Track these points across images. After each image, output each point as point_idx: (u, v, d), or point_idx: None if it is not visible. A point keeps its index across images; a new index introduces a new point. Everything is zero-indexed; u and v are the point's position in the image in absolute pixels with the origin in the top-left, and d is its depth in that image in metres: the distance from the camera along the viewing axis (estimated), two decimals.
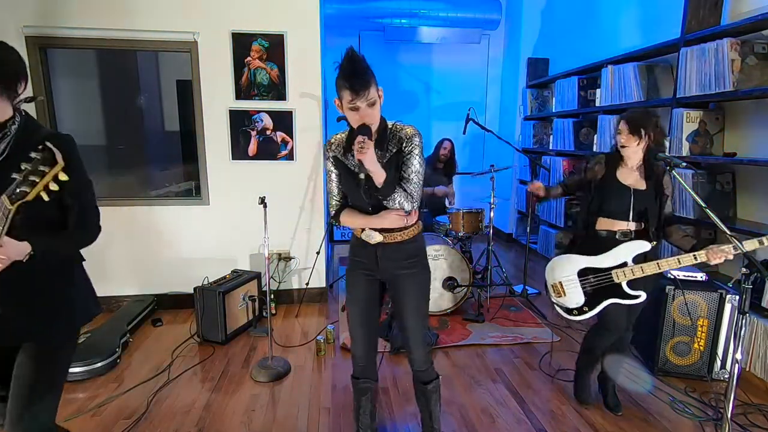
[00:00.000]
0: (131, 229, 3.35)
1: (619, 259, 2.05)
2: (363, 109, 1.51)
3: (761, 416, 2.24)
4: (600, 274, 2.09)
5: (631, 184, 2.08)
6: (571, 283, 2.17)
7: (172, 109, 5.19)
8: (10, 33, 3.06)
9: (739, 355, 1.57)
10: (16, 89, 1.28)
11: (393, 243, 1.72)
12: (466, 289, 3.40)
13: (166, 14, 3.18)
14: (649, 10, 3.71)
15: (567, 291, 2.19)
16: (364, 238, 1.74)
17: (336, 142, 1.74)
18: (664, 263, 1.95)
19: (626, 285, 2.05)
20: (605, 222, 2.12)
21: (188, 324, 3.26)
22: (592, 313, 2.14)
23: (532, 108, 5.40)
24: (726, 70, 2.65)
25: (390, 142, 1.64)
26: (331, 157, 1.74)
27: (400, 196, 1.62)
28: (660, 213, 2.08)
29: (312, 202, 3.59)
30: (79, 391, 2.42)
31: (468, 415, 2.26)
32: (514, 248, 5.67)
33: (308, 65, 3.39)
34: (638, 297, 2.04)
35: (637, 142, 2.02)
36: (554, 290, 2.24)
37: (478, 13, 5.41)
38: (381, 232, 1.70)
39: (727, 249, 1.77)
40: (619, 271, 2.04)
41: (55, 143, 1.20)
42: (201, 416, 2.24)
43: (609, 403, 2.31)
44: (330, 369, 2.70)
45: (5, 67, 1.25)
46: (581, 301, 2.15)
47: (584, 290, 2.15)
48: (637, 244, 2.04)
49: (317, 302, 3.73)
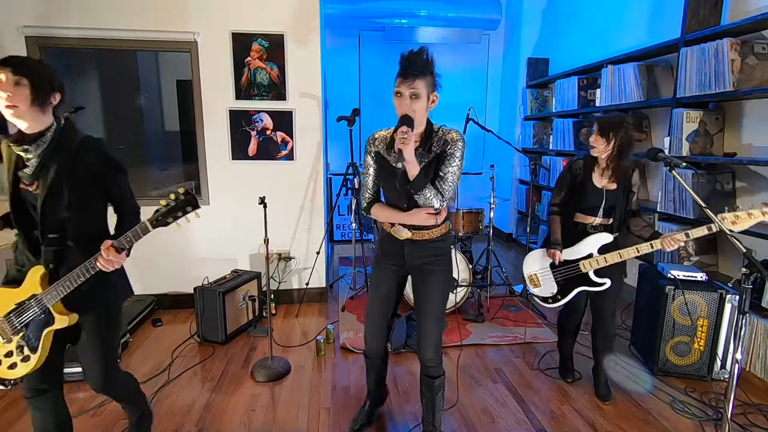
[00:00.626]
0: None
1: (585, 251, 2.27)
2: (405, 98, 1.60)
3: (761, 416, 2.24)
4: (569, 266, 2.32)
5: (603, 185, 2.27)
6: (545, 275, 2.43)
7: (172, 109, 5.19)
8: (10, 33, 3.06)
9: (739, 355, 1.57)
10: (50, 101, 1.45)
11: (420, 240, 1.79)
12: (466, 289, 3.40)
13: (166, 14, 3.18)
14: (648, 10, 3.71)
15: (542, 282, 2.45)
16: (393, 232, 1.82)
17: (380, 138, 1.80)
18: (624, 253, 2.15)
19: (593, 274, 2.26)
20: (580, 216, 2.34)
21: (188, 324, 3.26)
22: (565, 300, 2.38)
23: (532, 108, 5.40)
24: (726, 70, 2.65)
25: (435, 144, 1.72)
26: (373, 152, 1.81)
27: (431, 192, 1.67)
28: (625, 208, 2.27)
29: (312, 202, 3.59)
30: (79, 391, 2.42)
31: (468, 415, 2.26)
32: (514, 248, 5.67)
33: (308, 65, 3.38)
34: (604, 284, 2.25)
35: (605, 144, 2.18)
36: (531, 281, 2.50)
37: (478, 13, 5.41)
38: (410, 229, 1.77)
39: (679, 236, 2.00)
40: (585, 261, 2.26)
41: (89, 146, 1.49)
42: (201, 416, 2.24)
43: (599, 392, 2.43)
44: (330, 369, 2.70)
45: (41, 81, 1.41)
46: (554, 290, 2.40)
47: (556, 280, 2.39)
48: (600, 237, 2.25)
49: (317, 302, 3.73)
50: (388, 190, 1.82)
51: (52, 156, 1.45)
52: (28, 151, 1.44)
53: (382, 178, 1.81)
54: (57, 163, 1.45)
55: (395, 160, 1.73)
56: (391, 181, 1.75)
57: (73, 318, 1.51)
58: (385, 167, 1.78)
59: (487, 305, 3.56)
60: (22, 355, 1.50)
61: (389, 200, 1.85)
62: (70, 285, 1.45)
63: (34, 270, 1.48)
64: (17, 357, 1.50)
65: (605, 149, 2.19)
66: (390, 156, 1.75)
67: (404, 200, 1.75)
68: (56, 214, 1.46)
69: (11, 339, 1.50)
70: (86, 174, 1.50)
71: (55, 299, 1.47)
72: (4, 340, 1.51)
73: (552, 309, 2.48)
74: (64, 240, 1.49)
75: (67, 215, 1.47)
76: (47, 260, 1.48)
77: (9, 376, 1.51)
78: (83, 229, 1.52)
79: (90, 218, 1.56)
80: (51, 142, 1.46)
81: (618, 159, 2.20)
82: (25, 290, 1.49)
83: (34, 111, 1.41)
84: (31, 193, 1.47)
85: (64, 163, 1.46)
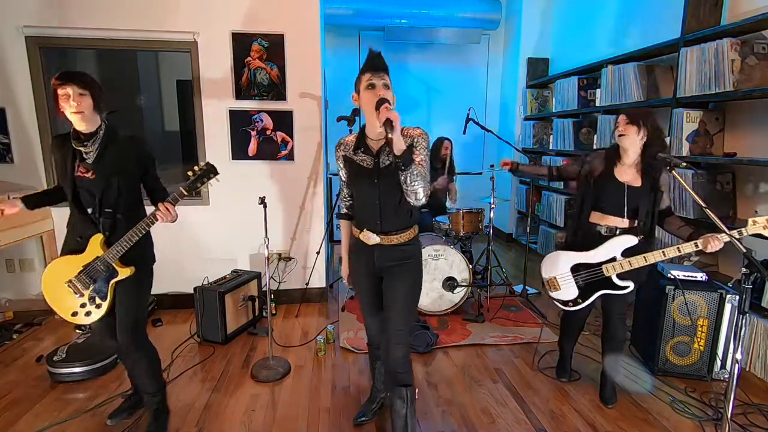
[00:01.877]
0: None
1: (609, 254, 2.18)
2: (378, 88, 1.65)
3: (761, 416, 2.24)
4: (591, 269, 2.22)
5: (626, 181, 2.16)
6: (565, 278, 2.31)
7: (172, 109, 5.19)
8: (10, 33, 3.06)
9: (739, 355, 1.57)
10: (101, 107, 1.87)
11: (389, 245, 1.79)
12: (466, 289, 3.40)
13: (166, 14, 3.18)
14: (649, 10, 3.71)
15: (562, 286, 2.33)
16: (362, 238, 1.82)
17: (345, 142, 1.83)
18: (650, 256, 2.06)
19: (616, 277, 2.17)
20: (597, 216, 2.24)
21: (188, 324, 3.26)
22: (586, 304, 2.28)
23: (532, 108, 5.41)
24: (726, 70, 2.66)
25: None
26: (341, 156, 1.82)
27: (419, 172, 1.62)
28: (654, 209, 2.16)
29: (312, 202, 3.59)
30: (79, 391, 2.42)
31: (468, 415, 2.26)
32: (514, 248, 5.67)
33: (308, 65, 3.38)
34: (627, 287, 2.17)
35: (636, 131, 2.09)
36: (550, 285, 2.38)
37: (478, 13, 5.41)
38: (378, 234, 1.77)
39: (721, 237, 1.87)
40: (609, 265, 2.17)
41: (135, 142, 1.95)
42: (201, 416, 2.24)
43: (603, 396, 2.40)
44: (330, 369, 2.70)
45: (99, 91, 1.84)
46: (575, 294, 2.30)
47: (578, 284, 2.28)
48: (625, 239, 2.15)
49: (317, 302, 3.73)
50: (360, 187, 1.80)
51: (105, 149, 1.86)
52: (87, 145, 1.83)
53: (354, 177, 1.80)
54: (111, 155, 1.87)
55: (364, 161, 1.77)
56: (362, 178, 1.76)
57: (131, 269, 1.91)
58: (354, 166, 1.79)
59: (487, 305, 3.56)
60: (95, 304, 1.91)
61: (362, 202, 1.83)
62: (127, 243, 1.84)
63: (94, 238, 1.87)
64: (91, 306, 1.91)
65: (637, 139, 2.09)
66: (357, 156, 1.77)
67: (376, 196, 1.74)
68: (110, 194, 1.87)
69: (83, 293, 1.90)
70: (132, 163, 1.92)
71: (116, 256, 1.86)
72: (78, 295, 1.90)
73: (553, 308, 2.47)
74: (115, 214, 1.89)
75: (117, 194, 1.88)
76: (104, 228, 1.88)
77: (86, 321, 1.93)
78: (128, 205, 1.93)
79: (133, 196, 1.95)
80: (102, 138, 1.86)
81: (646, 151, 2.11)
82: (88, 254, 1.88)
83: (94, 115, 1.83)
84: (87, 179, 1.86)
85: (115, 154, 1.88)
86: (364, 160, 1.76)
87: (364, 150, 1.75)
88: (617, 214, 2.18)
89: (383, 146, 1.72)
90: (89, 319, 1.93)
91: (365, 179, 1.75)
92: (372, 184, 1.74)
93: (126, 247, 1.85)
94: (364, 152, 1.75)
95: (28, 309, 3.41)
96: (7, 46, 3.09)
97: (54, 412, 2.25)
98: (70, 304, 1.91)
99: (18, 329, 3.11)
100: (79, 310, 1.91)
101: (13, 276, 3.42)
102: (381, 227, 1.78)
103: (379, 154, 1.74)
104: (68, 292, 1.90)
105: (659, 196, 2.14)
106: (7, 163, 3.24)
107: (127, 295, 1.94)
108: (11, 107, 3.18)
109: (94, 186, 1.85)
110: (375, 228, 1.79)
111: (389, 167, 1.70)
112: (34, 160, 3.26)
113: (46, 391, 2.43)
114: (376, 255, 1.82)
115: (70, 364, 2.50)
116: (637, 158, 2.15)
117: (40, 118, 3.21)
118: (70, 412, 2.24)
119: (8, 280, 3.42)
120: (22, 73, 3.14)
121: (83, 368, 2.52)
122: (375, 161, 1.74)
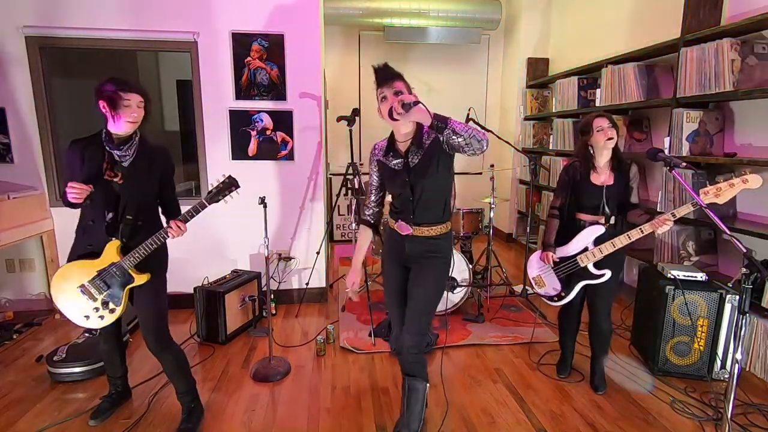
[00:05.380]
0: None
1: (581, 245, 2.30)
2: (390, 99, 1.71)
3: (761, 416, 2.24)
4: (568, 261, 2.35)
5: (602, 182, 2.29)
6: (547, 274, 2.47)
7: (172, 109, 5.19)
8: (10, 33, 3.06)
9: (739, 355, 1.57)
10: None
11: (420, 236, 1.88)
12: (466, 289, 3.40)
13: (166, 14, 3.17)
14: (648, 10, 3.71)
15: (546, 281, 2.48)
16: (396, 228, 1.93)
17: (379, 147, 1.95)
18: (617, 241, 2.19)
19: (592, 267, 2.28)
20: (582, 215, 2.35)
21: (188, 324, 3.26)
22: (570, 297, 2.39)
23: (532, 108, 5.40)
24: (726, 70, 2.66)
25: (426, 138, 1.83)
26: (375, 161, 1.95)
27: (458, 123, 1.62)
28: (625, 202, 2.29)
29: (312, 202, 3.59)
30: (79, 391, 2.42)
31: (468, 415, 2.26)
32: (514, 248, 5.67)
33: (308, 65, 3.38)
34: (604, 275, 2.27)
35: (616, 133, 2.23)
36: (535, 283, 2.55)
37: (478, 13, 5.41)
38: (411, 226, 1.87)
39: (666, 216, 2.03)
40: (583, 255, 2.29)
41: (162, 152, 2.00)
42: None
43: (593, 382, 2.48)
44: (330, 369, 2.69)
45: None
46: (558, 287, 2.43)
47: (559, 278, 2.42)
48: (593, 229, 2.28)
49: (317, 302, 3.73)
50: (394, 187, 1.90)
51: (138, 155, 1.91)
52: (122, 149, 1.88)
53: (387, 179, 1.93)
54: (142, 161, 1.92)
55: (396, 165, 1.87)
56: (395, 179, 1.87)
57: (147, 276, 1.94)
58: (388, 170, 1.90)
59: (487, 305, 3.56)
60: (108, 308, 1.94)
61: (397, 197, 1.92)
62: (144, 252, 1.88)
63: (111, 244, 1.89)
64: (104, 310, 1.94)
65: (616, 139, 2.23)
66: (389, 161, 1.89)
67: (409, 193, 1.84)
68: (135, 200, 1.91)
69: (96, 298, 1.92)
70: (160, 172, 1.98)
71: (133, 263, 1.89)
72: (91, 299, 1.92)
73: (552, 309, 2.48)
74: (136, 220, 1.93)
75: (141, 201, 1.93)
76: (123, 235, 1.91)
77: (98, 325, 1.96)
78: (149, 213, 1.99)
79: (153, 204, 2.02)
80: (137, 144, 1.92)
81: (617, 151, 2.26)
82: (104, 260, 1.90)
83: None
84: (116, 183, 1.88)
85: (147, 161, 1.94)
86: (395, 162, 1.88)
87: (393, 154, 1.88)
88: (596, 214, 2.31)
89: (410, 147, 1.83)
90: (102, 322, 1.96)
91: (398, 179, 1.86)
92: (404, 183, 1.84)
93: (143, 255, 1.89)
94: (393, 156, 1.88)
95: (28, 309, 3.41)
96: (7, 46, 3.09)
97: (54, 412, 2.25)
98: (82, 307, 1.94)
99: (18, 329, 3.10)
100: (92, 314, 1.94)
101: (13, 276, 3.42)
102: (414, 219, 1.87)
103: (408, 155, 1.84)
104: (80, 296, 1.93)
105: (630, 191, 2.28)
106: (7, 163, 3.23)
107: (146, 301, 1.99)
108: (11, 107, 3.17)
109: (122, 190, 1.88)
110: (408, 219, 1.88)
111: (418, 165, 1.81)
112: (34, 160, 3.26)
113: (46, 391, 2.43)
114: (407, 246, 1.91)
115: (69, 364, 2.50)
116: (610, 157, 2.27)
117: (40, 118, 3.20)
118: (70, 412, 2.24)
119: (8, 280, 3.42)
120: (22, 73, 3.14)
121: (83, 368, 2.52)
122: (405, 162, 1.85)
